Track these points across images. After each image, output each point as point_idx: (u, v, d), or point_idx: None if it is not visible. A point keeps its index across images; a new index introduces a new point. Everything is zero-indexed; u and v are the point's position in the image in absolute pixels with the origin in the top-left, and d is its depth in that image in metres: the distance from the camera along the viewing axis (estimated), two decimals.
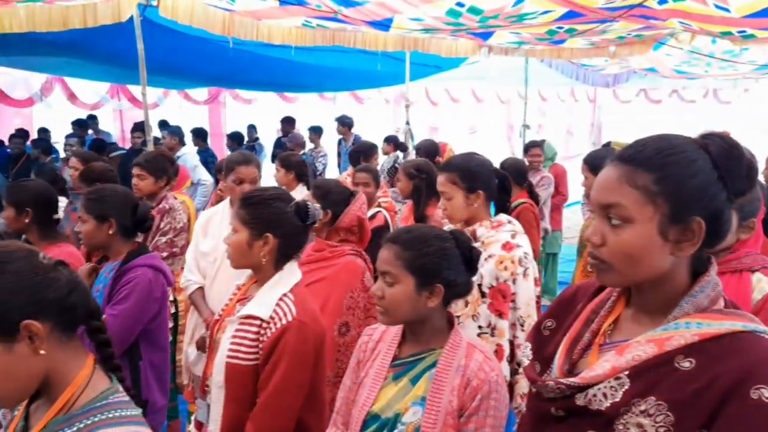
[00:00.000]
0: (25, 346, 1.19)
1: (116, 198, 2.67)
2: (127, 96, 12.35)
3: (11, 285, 1.18)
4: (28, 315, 1.18)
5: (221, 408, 2.02)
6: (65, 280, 1.24)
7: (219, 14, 6.05)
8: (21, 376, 1.19)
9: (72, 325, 1.26)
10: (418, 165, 4.18)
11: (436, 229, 1.86)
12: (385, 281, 1.78)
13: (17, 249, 1.24)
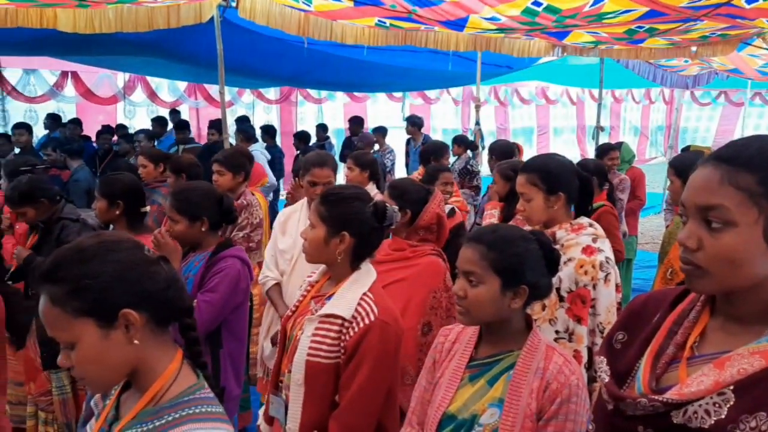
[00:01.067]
0: (120, 334, 1.22)
1: (204, 195, 2.76)
2: (203, 95, 12.74)
3: (116, 273, 1.21)
4: (128, 304, 1.21)
5: (300, 406, 2.04)
6: (165, 276, 1.27)
7: (295, 15, 6.16)
8: (113, 363, 1.23)
9: (165, 319, 1.29)
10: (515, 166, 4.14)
11: (520, 230, 1.84)
12: (468, 281, 1.76)
13: (125, 240, 1.28)
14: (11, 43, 6.65)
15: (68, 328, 1.20)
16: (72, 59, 9.65)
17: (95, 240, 1.27)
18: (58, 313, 1.20)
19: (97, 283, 1.20)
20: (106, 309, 1.20)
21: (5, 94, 10.69)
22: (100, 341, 1.21)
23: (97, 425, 1.29)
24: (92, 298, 1.19)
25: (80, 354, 1.21)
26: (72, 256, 1.23)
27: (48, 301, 1.21)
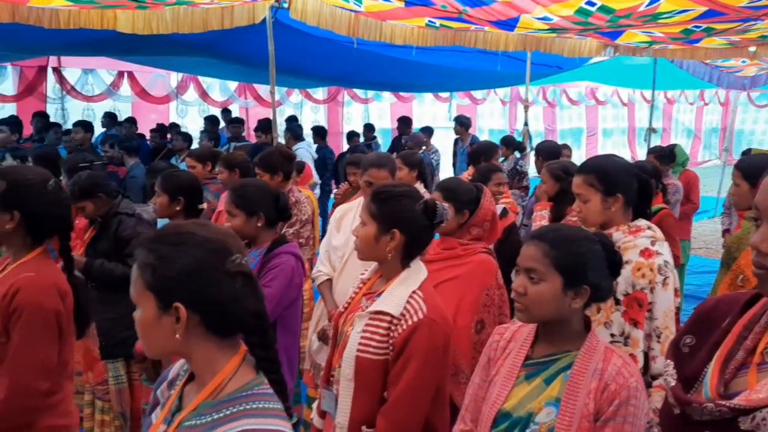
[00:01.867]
0: (170, 323, 1.25)
1: (261, 191, 2.82)
2: (253, 94, 12.95)
3: (187, 268, 1.25)
4: (183, 300, 1.24)
5: (350, 400, 2.07)
6: (233, 291, 1.26)
7: (345, 15, 6.20)
8: (159, 342, 1.28)
9: (224, 330, 1.29)
10: (565, 166, 4.10)
11: (583, 230, 1.82)
12: (529, 278, 1.75)
13: (216, 241, 1.29)
14: (72, 43, 6.87)
15: (139, 292, 1.28)
16: (128, 59, 9.94)
17: (195, 230, 1.30)
18: (137, 275, 1.28)
19: (168, 269, 1.25)
20: (165, 295, 1.25)
21: (65, 93, 11.06)
22: (153, 318, 1.26)
23: (162, 414, 1.33)
24: (159, 279, 1.25)
25: (140, 318, 1.29)
26: (171, 235, 1.29)
27: (137, 263, 1.29)
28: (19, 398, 2.01)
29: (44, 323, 2.04)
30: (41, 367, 2.05)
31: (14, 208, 2.08)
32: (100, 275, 3.48)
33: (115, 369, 3.68)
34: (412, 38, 6.53)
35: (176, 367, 1.41)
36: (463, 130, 9.19)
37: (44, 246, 2.18)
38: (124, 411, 3.72)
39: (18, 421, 2.03)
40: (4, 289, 2.03)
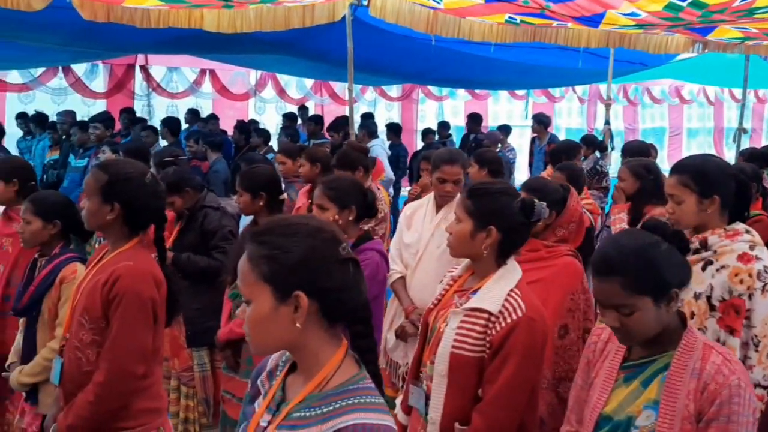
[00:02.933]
0: (289, 312, 1.27)
1: (353, 185, 2.86)
2: (328, 92, 13.13)
3: (304, 257, 1.26)
4: (303, 288, 1.26)
5: (443, 396, 2.06)
6: (346, 278, 1.29)
7: (424, 12, 6.19)
8: (274, 334, 1.29)
9: (335, 317, 1.31)
10: (647, 164, 3.96)
11: (642, 238, 1.72)
12: (618, 312, 1.68)
13: (328, 231, 1.32)
14: (160, 42, 7.15)
15: (251, 286, 1.28)
16: (211, 58, 10.25)
17: (305, 221, 1.34)
18: (248, 269, 1.29)
19: (286, 258, 1.26)
20: (284, 284, 1.26)
21: (151, 90, 11.53)
22: (270, 310, 1.27)
23: (264, 403, 1.35)
24: (277, 269, 1.26)
25: (252, 313, 1.29)
26: (280, 227, 1.31)
27: (246, 257, 1.30)
28: (118, 381, 2.11)
29: (141, 310, 2.13)
30: (138, 352, 2.14)
31: (115, 200, 2.17)
32: (187, 268, 3.60)
33: (200, 357, 3.80)
34: (491, 35, 6.45)
35: (274, 357, 1.43)
36: (541, 129, 9.02)
37: (140, 236, 2.28)
38: (208, 397, 3.84)
39: (116, 403, 2.13)
40: (104, 277, 2.13)
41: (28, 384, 2.80)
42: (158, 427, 2.25)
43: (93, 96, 10.74)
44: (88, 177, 2.26)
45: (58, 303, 2.83)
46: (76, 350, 2.17)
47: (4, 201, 3.43)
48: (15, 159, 3.89)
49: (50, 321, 2.85)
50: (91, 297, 2.15)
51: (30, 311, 2.90)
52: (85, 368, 2.16)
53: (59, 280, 2.84)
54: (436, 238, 3.30)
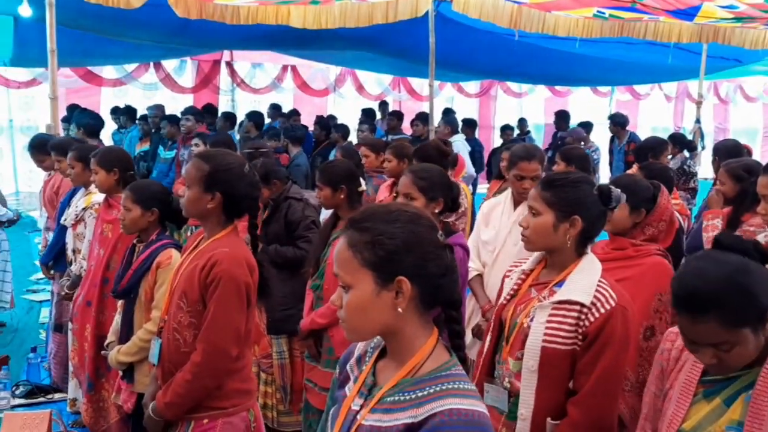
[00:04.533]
0: (390, 297, 1.28)
1: (442, 177, 2.87)
2: (406, 88, 13.17)
3: (408, 242, 1.29)
4: (406, 273, 1.27)
5: (533, 392, 2.04)
6: (445, 263, 1.31)
7: (508, 7, 6.13)
8: (373, 319, 1.30)
9: (432, 302, 1.33)
10: (748, 165, 3.75)
11: (728, 261, 1.55)
12: (715, 348, 1.54)
13: (426, 218, 1.36)
14: (247, 38, 7.37)
15: (352, 272, 1.30)
16: (293, 54, 10.47)
17: (403, 207, 1.36)
18: (349, 256, 1.30)
19: (390, 243, 1.28)
20: (387, 269, 1.28)
21: (235, 86, 11.89)
22: (371, 295, 1.29)
23: (355, 388, 1.38)
24: (381, 255, 1.28)
25: (351, 298, 1.31)
26: (379, 214, 1.34)
27: (346, 243, 1.32)
28: (214, 361, 2.20)
29: (237, 294, 2.21)
30: (233, 334, 2.22)
31: (216, 189, 2.25)
32: (275, 258, 3.69)
33: (279, 345, 3.90)
34: (576, 30, 6.32)
35: (362, 344, 1.46)
36: (618, 129, 8.78)
37: (234, 224, 2.36)
38: (286, 385, 3.93)
39: (211, 383, 2.22)
40: (202, 262, 2.22)
41: (125, 363, 2.95)
42: (248, 408, 2.33)
43: (181, 91, 11.17)
44: (188, 167, 2.33)
45: (154, 287, 2.97)
46: (175, 332, 2.27)
47: (105, 189, 3.61)
48: (115, 149, 4.09)
49: (147, 303, 2.99)
50: (189, 281, 2.24)
51: (128, 294, 3.05)
52: (182, 349, 2.25)
53: (156, 265, 2.97)
54: (514, 236, 3.26)
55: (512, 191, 3.50)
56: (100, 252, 3.56)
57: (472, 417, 1.21)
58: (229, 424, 2.26)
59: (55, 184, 4.73)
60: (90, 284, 3.56)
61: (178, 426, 2.29)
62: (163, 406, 2.25)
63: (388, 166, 4.30)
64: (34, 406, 4.15)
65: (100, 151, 3.70)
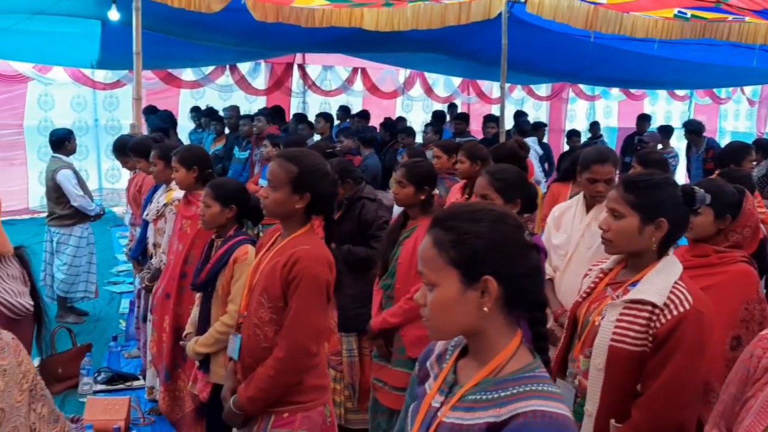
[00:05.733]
0: (476, 296, 1.28)
1: (520, 178, 2.86)
2: (475, 90, 13.08)
3: (495, 241, 1.29)
4: (492, 273, 1.27)
5: (599, 391, 2.01)
6: (531, 263, 1.31)
7: (584, 8, 6.01)
8: (457, 318, 1.30)
9: (517, 303, 1.32)
10: None
11: None
12: None
13: (513, 218, 1.36)
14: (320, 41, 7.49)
15: (437, 271, 1.30)
16: (363, 56, 10.57)
17: (489, 207, 1.37)
18: (434, 255, 1.31)
19: (477, 243, 1.28)
20: (473, 269, 1.28)
21: (306, 88, 12.10)
22: (456, 294, 1.29)
23: (436, 385, 1.38)
24: (467, 254, 1.28)
25: (435, 297, 1.31)
26: (466, 213, 1.34)
27: (431, 242, 1.32)
28: (296, 357, 2.25)
29: (318, 291, 2.25)
30: (314, 331, 2.27)
31: (306, 190, 2.29)
32: (347, 258, 3.74)
33: (348, 342, 3.94)
34: (655, 31, 6.13)
35: (441, 342, 1.47)
36: (694, 137, 8.48)
37: (311, 222, 2.41)
38: (354, 382, 3.97)
39: (293, 378, 2.27)
40: (283, 259, 2.27)
41: (201, 354, 3.06)
42: (324, 403, 2.37)
43: (255, 93, 11.45)
44: (273, 168, 2.35)
45: (231, 281, 3.07)
46: (255, 327, 2.32)
47: (185, 186, 3.74)
48: (196, 148, 4.24)
49: (223, 297, 3.09)
50: (270, 278, 2.29)
51: (206, 287, 3.15)
52: (263, 344, 2.30)
53: (233, 260, 3.07)
54: (586, 239, 3.20)
55: (584, 194, 3.44)
56: (179, 247, 3.70)
57: (556, 420, 1.20)
58: (308, 419, 2.31)
59: (138, 183, 4.95)
60: (169, 277, 3.70)
61: (258, 420, 2.34)
62: (245, 401, 2.30)
63: (460, 168, 4.28)
64: (114, 392, 4.35)
65: (180, 150, 3.84)
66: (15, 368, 1.47)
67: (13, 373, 1.45)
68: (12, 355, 1.47)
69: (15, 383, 1.45)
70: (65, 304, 5.86)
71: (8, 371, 1.44)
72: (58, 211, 5.72)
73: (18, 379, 1.47)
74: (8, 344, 1.48)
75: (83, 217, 5.77)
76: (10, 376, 1.44)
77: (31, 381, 1.52)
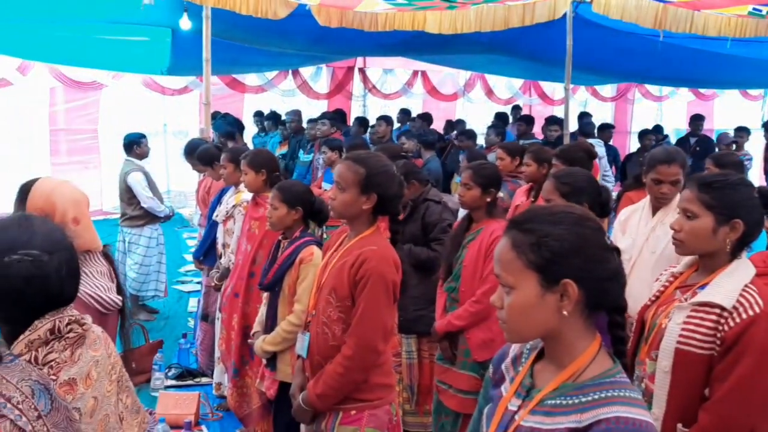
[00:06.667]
0: (555, 300, 1.27)
1: (588, 181, 2.83)
2: (537, 92, 12.92)
3: (575, 244, 1.27)
4: (572, 276, 1.26)
5: (666, 393, 1.99)
6: (612, 266, 1.29)
7: (652, 7, 5.86)
8: (535, 321, 1.30)
9: (597, 306, 1.31)
10: None
11: None
12: None
13: (592, 220, 1.34)
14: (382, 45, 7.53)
15: (514, 273, 1.30)
16: (424, 59, 10.59)
17: (568, 209, 1.36)
18: (512, 257, 1.30)
19: (556, 245, 1.28)
20: (553, 272, 1.27)
21: (366, 91, 12.20)
22: (535, 297, 1.28)
23: (512, 388, 1.38)
24: (547, 257, 1.27)
25: (513, 300, 1.31)
26: (544, 215, 1.33)
27: (509, 244, 1.32)
28: (363, 356, 2.28)
29: (385, 291, 2.28)
30: (381, 330, 2.30)
31: (373, 191, 2.33)
32: (408, 259, 3.75)
33: (408, 344, 3.95)
34: (728, 29, 5.92)
35: (517, 345, 1.46)
36: None
37: (378, 223, 2.43)
38: (413, 384, 3.98)
39: (360, 376, 2.31)
40: (351, 260, 2.31)
41: (269, 352, 3.13)
42: (390, 402, 2.39)
43: (316, 96, 11.63)
44: (341, 170, 2.38)
45: (297, 281, 3.13)
46: (324, 326, 2.36)
47: (254, 189, 3.84)
48: (264, 151, 4.34)
49: (290, 297, 3.15)
50: (338, 278, 2.33)
51: (273, 287, 3.23)
52: (331, 342, 2.34)
53: (299, 261, 3.13)
54: (651, 243, 3.12)
55: (650, 197, 3.36)
56: (247, 247, 3.79)
57: (640, 427, 1.18)
58: (375, 416, 2.34)
59: (207, 185, 5.10)
60: (238, 277, 3.80)
61: (326, 416, 2.38)
62: (314, 397, 2.35)
63: (526, 171, 4.24)
64: (184, 387, 4.49)
65: (249, 153, 3.94)
66: (105, 359, 1.54)
67: (104, 364, 1.53)
68: (103, 347, 1.55)
69: (105, 374, 1.53)
70: (137, 302, 6.09)
71: (100, 362, 1.52)
72: (129, 212, 5.94)
73: (108, 369, 1.55)
74: (99, 337, 1.56)
75: (153, 218, 5.98)
76: (101, 366, 1.52)
77: (118, 372, 1.60)
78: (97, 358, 1.51)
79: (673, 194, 3.07)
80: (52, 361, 1.42)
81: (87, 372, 1.47)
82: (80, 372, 1.46)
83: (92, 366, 1.49)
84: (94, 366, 1.50)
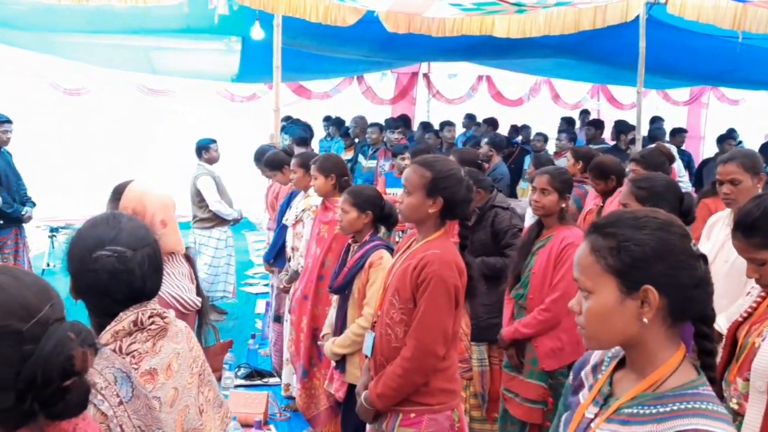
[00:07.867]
0: (635, 306, 1.24)
1: (668, 188, 2.77)
2: (606, 96, 12.60)
3: (657, 250, 1.24)
4: (654, 282, 1.22)
5: (761, 414, 1.91)
6: (698, 274, 1.25)
7: (731, 7, 5.65)
8: (614, 328, 1.27)
9: (681, 315, 1.27)
10: None
11: None
12: None
13: (678, 225, 1.30)
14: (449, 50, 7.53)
15: (593, 278, 1.27)
16: (489, 64, 10.50)
17: (652, 214, 1.32)
18: (592, 261, 1.28)
19: (637, 251, 1.25)
20: (633, 277, 1.24)
21: (431, 97, 12.19)
22: (613, 303, 1.26)
23: (590, 396, 1.36)
24: (627, 262, 1.25)
25: (591, 305, 1.28)
26: (628, 219, 1.30)
27: (589, 248, 1.30)
28: (422, 358, 2.29)
29: (446, 295, 2.29)
30: (441, 333, 2.30)
31: (439, 194, 2.33)
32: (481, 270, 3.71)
33: (480, 352, 3.91)
34: None
35: (598, 352, 1.43)
36: None
37: (445, 228, 2.43)
38: (484, 392, 3.94)
39: (419, 379, 2.32)
40: (414, 262, 2.32)
41: (338, 354, 3.17)
42: (453, 408, 2.38)
43: (380, 102, 11.69)
44: (408, 174, 2.40)
45: (366, 284, 3.15)
46: (387, 327, 2.39)
47: (323, 193, 3.89)
48: (333, 156, 4.39)
49: (359, 300, 3.18)
50: (401, 280, 2.35)
51: (343, 290, 3.27)
52: (393, 344, 2.37)
53: (368, 265, 3.16)
54: (726, 251, 2.99)
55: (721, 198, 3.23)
56: (316, 251, 3.85)
57: None
58: (434, 421, 2.33)
59: (276, 190, 5.21)
60: (307, 280, 3.86)
61: (387, 417, 2.41)
62: (374, 397, 2.38)
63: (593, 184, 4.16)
64: (252, 387, 4.59)
65: (319, 158, 4.00)
66: (187, 353, 1.60)
67: (185, 357, 1.59)
68: (185, 340, 1.61)
69: (186, 366, 1.59)
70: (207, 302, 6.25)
71: (181, 354, 1.58)
72: (199, 214, 6.13)
73: (189, 362, 1.60)
74: (181, 330, 1.62)
75: (222, 221, 6.14)
76: (182, 359, 1.58)
77: (200, 366, 1.66)
78: (178, 350, 1.57)
79: (733, 195, 2.94)
80: (135, 351, 1.50)
81: (168, 363, 1.54)
82: (161, 363, 1.52)
83: (173, 358, 1.55)
84: (175, 358, 1.55)
